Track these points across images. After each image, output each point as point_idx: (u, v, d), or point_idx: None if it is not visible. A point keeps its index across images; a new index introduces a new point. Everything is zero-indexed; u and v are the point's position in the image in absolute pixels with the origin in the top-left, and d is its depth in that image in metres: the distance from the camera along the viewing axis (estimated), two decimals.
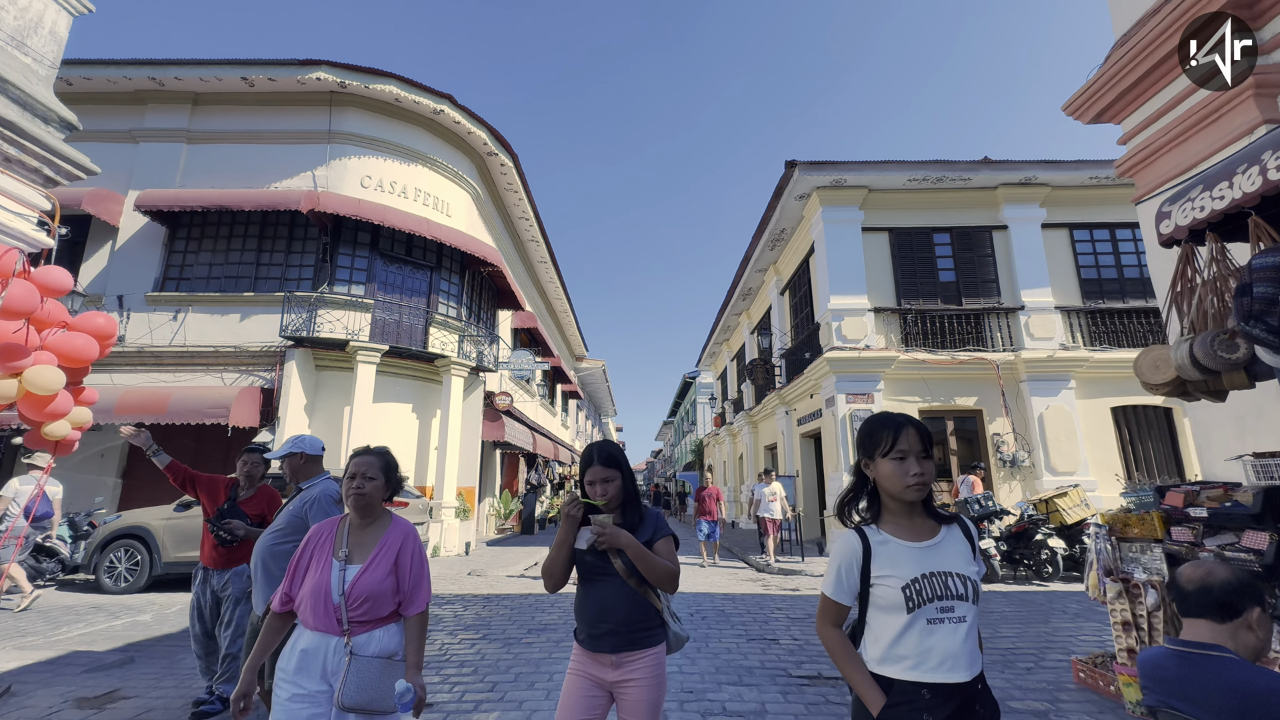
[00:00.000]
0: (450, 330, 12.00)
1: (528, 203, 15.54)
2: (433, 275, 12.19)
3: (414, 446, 11.36)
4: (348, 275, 11.10)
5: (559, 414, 25.90)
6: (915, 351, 11.08)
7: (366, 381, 10.16)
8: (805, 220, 12.78)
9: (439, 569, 9.09)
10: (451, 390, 11.33)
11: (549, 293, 22.07)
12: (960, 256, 11.70)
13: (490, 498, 15.07)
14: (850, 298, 11.27)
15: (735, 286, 18.02)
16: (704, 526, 9.62)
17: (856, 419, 10.68)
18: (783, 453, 14.90)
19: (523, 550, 11.72)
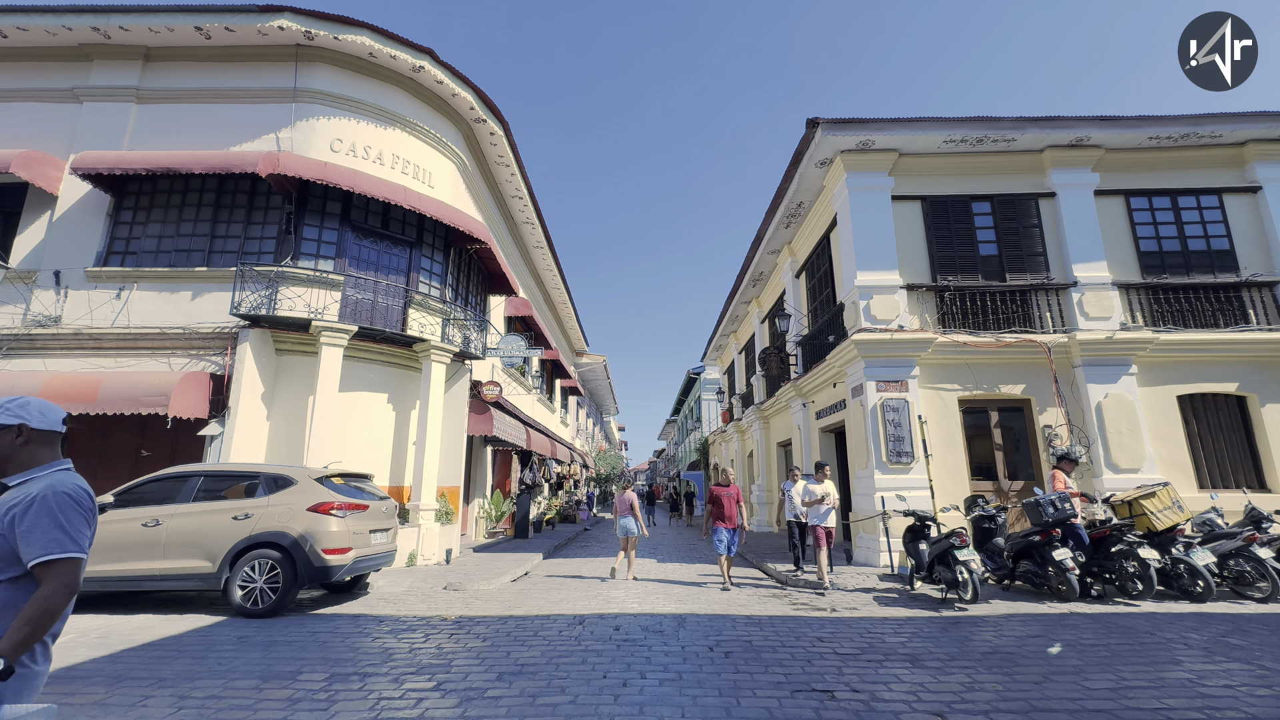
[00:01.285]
0: (432, 313, 10.77)
1: (521, 179, 14.30)
2: (413, 252, 10.96)
3: (389, 441, 10.13)
4: (314, 249, 9.87)
5: (558, 410, 24.67)
6: (955, 333, 9.81)
7: (332, 366, 8.93)
8: (826, 191, 11.52)
9: (411, 581, 7.85)
10: (432, 378, 10.10)
11: (546, 281, 20.83)
12: (1003, 227, 10.43)
13: (480, 498, 13.84)
14: (880, 273, 10.01)
15: (745, 271, 16.76)
16: (722, 535, 7.48)
17: (890, 409, 9.42)
18: (799, 449, 13.63)
19: (512, 558, 10.47)
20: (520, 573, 9.08)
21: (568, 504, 21.92)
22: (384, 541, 6.79)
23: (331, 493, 6.20)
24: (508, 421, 12.63)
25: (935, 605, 6.32)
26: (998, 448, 9.71)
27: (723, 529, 7.55)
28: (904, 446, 9.29)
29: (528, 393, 18.23)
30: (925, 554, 6.92)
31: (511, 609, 6.32)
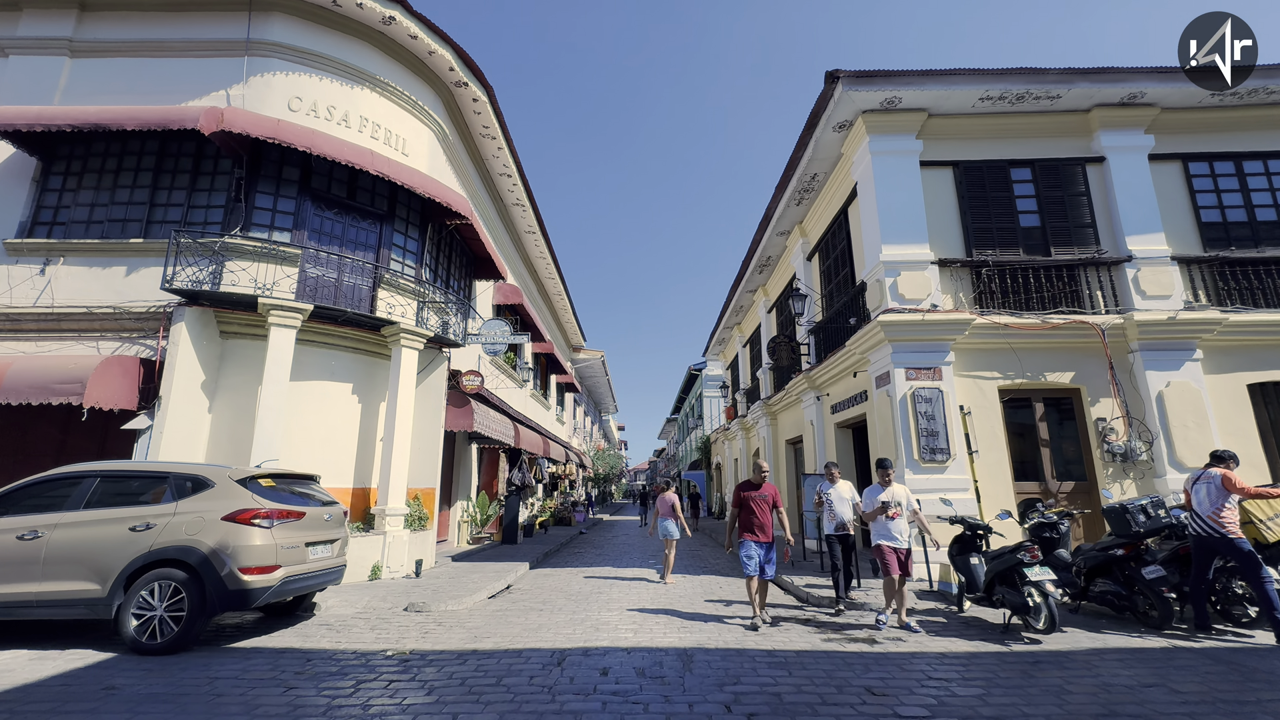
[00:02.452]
0: (405, 294, 9.60)
1: (509, 154, 13.13)
2: (383, 227, 9.80)
3: (354, 438, 8.96)
4: (268, 220, 8.70)
5: (553, 407, 23.51)
6: (995, 314, 8.64)
7: (282, 351, 7.77)
8: (845, 160, 10.36)
9: (368, 600, 6.69)
10: (402, 365, 8.93)
11: (540, 271, 19.67)
12: (1045, 196, 9.27)
13: (463, 501, 12.68)
14: (908, 247, 8.85)
15: (751, 256, 15.61)
16: (752, 550, 5.62)
17: (921, 400, 8.26)
18: (810, 447, 12.48)
19: (494, 568, 9.31)
20: (500, 587, 7.92)
21: (563, 506, 20.75)
22: (327, 556, 5.63)
23: (256, 497, 5.04)
24: (492, 416, 11.47)
25: (998, 635, 5.17)
26: (1044, 444, 8.55)
27: (752, 543, 5.67)
28: (938, 442, 8.14)
29: (519, 387, 17.07)
30: (979, 570, 5.77)
31: (478, 639, 5.16)
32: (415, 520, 9.00)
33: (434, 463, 9.61)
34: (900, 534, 5.61)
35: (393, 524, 8.35)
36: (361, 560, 7.92)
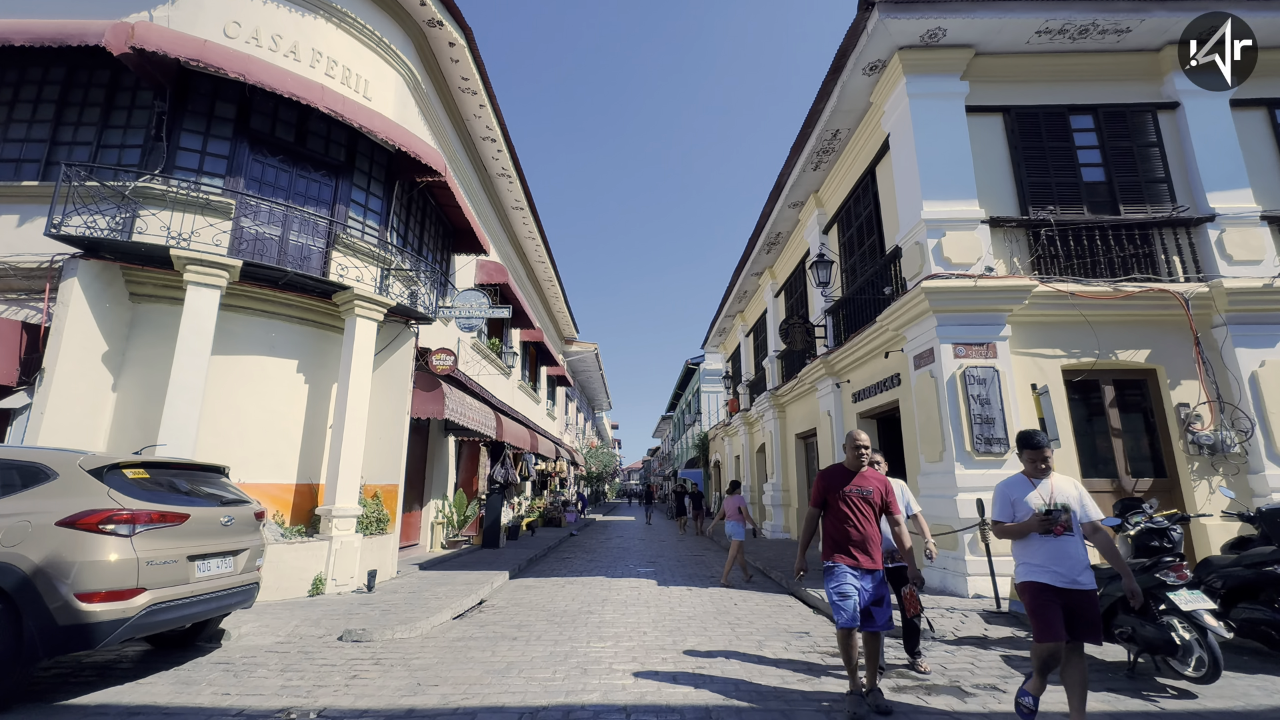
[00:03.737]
0: (366, 258, 8.20)
1: (492, 112, 11.72)
2: (340, 180, 8.39)
3: (299, 425, 7.55)
4: (195, 162, 7.28)
5: (543, 401, 22.12)
6: (1058, 281, 7.35)
7: (201, 316, 6.35)
8: (874, 110, 9.05)
9: (296, 623, 5.30)
10: (356, 338, 7.53)
11: (529, 253, 18.27)
12: (1111, 146, 7.99)
13: (439, 500, 11.27)
14: (953, 203, 7.55)
15: (758, 233, 14.29)
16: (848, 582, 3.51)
17: (974, 381, 6.96)
18: (827, 440, 11.17)
19: (466, 579, 7.94)
20: (469, 603, 6.54)
21: (552, 505, 19.36)
22: (226, 572, 4.23)
23: (115, 494, 3.65)
24: (470, 404, 10.08)
25: (1123, 680, 3.86)
26: (1115, 434, 7.26)
27: (847, 570, 3.51)
28: (994, 431, 6.84)
29: (505, 377, 15.67)
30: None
31: (419, 689, 3.78)
32: (372, 523, 7.60)
33: (397, 455, 8.21)
34: (1077, 564, 3.01)
35: (341, 527, 6.95)
36: (300, 572, 6.52)
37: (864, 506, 3.63)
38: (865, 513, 3.62)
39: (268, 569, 6.24)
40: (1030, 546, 3.18)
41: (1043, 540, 3.11)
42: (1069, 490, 3.25)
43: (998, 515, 3.33)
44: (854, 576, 3.51)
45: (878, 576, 3.59)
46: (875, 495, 3.66)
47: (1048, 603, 3.03)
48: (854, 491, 3.64)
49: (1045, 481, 3.27)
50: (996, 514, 3.34)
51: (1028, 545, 3.19)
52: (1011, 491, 3.33)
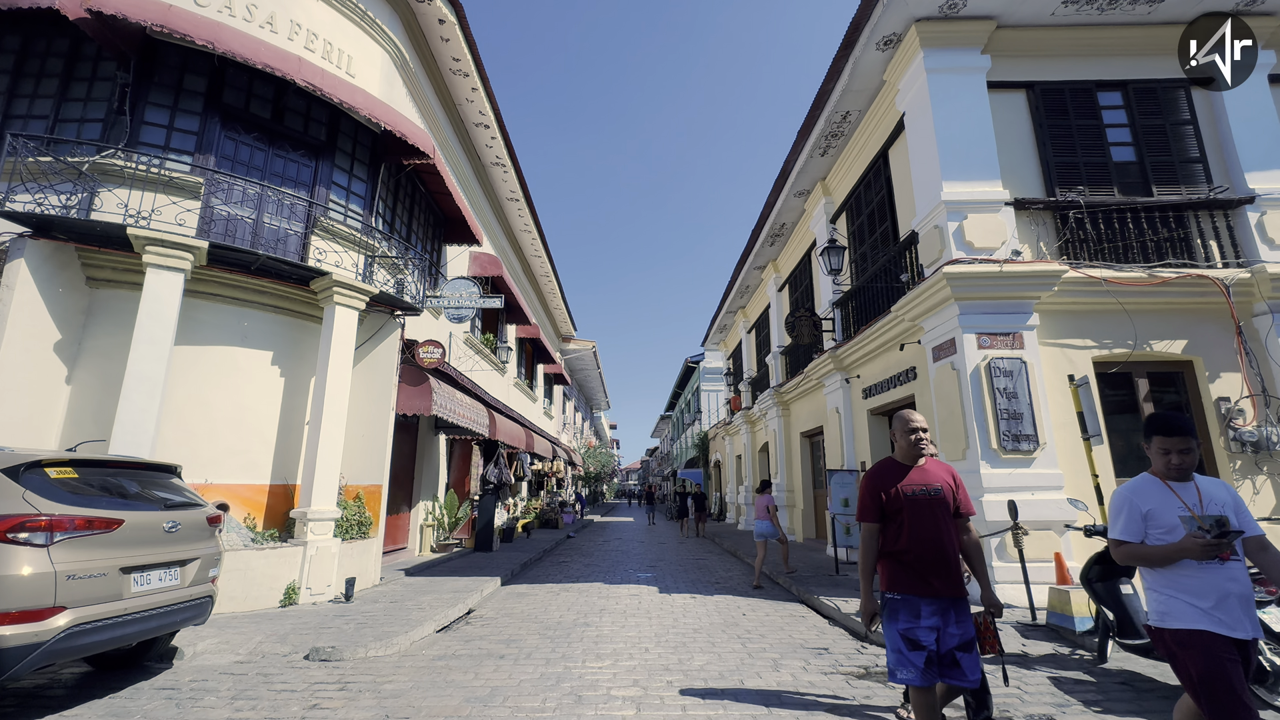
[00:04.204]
0: (349, 244, 7.69)
1: (485, 97, 11.21)
2: (320, 162, 7.87)
3: (273, 422, 7.03)
4: (162, 138, 6.77)
5: (540, 399, 21.60)
6: (1090, 266, 6.86)
7: (163, 302, 5.83)
8: (887, 90, 8.56)
9: (260, 639, 4.78)
10: (335, 328, 7.00)
11: (524, 246, 17.75)
12: (1142, 125, 7.50)
13: (429, 501, 10.75)
14: (975, 184, 7.06)
15: (762, 225, 13.79)
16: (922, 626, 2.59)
17: (999, 373, 6.47)
18: (835, 439, 10.68)
19: (455, 585, 7.43)
20: (455, 614, 6.03)
21: (549, 506, 18.84)
22: (170, 585, 3.72)
23: (32, 497, 3.14)
24: (461, 400, 9.56)
25: None
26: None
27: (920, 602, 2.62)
28: (1023, 427, 6.34)
29: (500, 374, 15.16)
30: (1141, 604, 3.97)
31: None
32: (353, 526, 7.09)
33: (381, 454, 7.69)
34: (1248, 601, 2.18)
35: (318, 531, 6.42)
36: (271, 580, 6.00)
37: (934, 510, 2.65)
38: (936, 519, 2.65)
39: (235, 577, 5.74)
40: (1180, 577, 2.21)
41: (1201, 569, 2.18)
42: (1220, 495, 2.30)
43: (1123, 533, 2.37)
44: (929, 612, 2.54)
45: (963, 608, 2.60)
46: (946, 493, 2.70)
47: (1228, 665, 2.03)
48: (918, 492, 2.68)
49: (1188, 484, 2.34)
50: (1121, 531, 2.38)
51: (1176, 575, 2.23)
52: (1142, 499, 2.34)
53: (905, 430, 2.80)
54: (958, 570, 2.64)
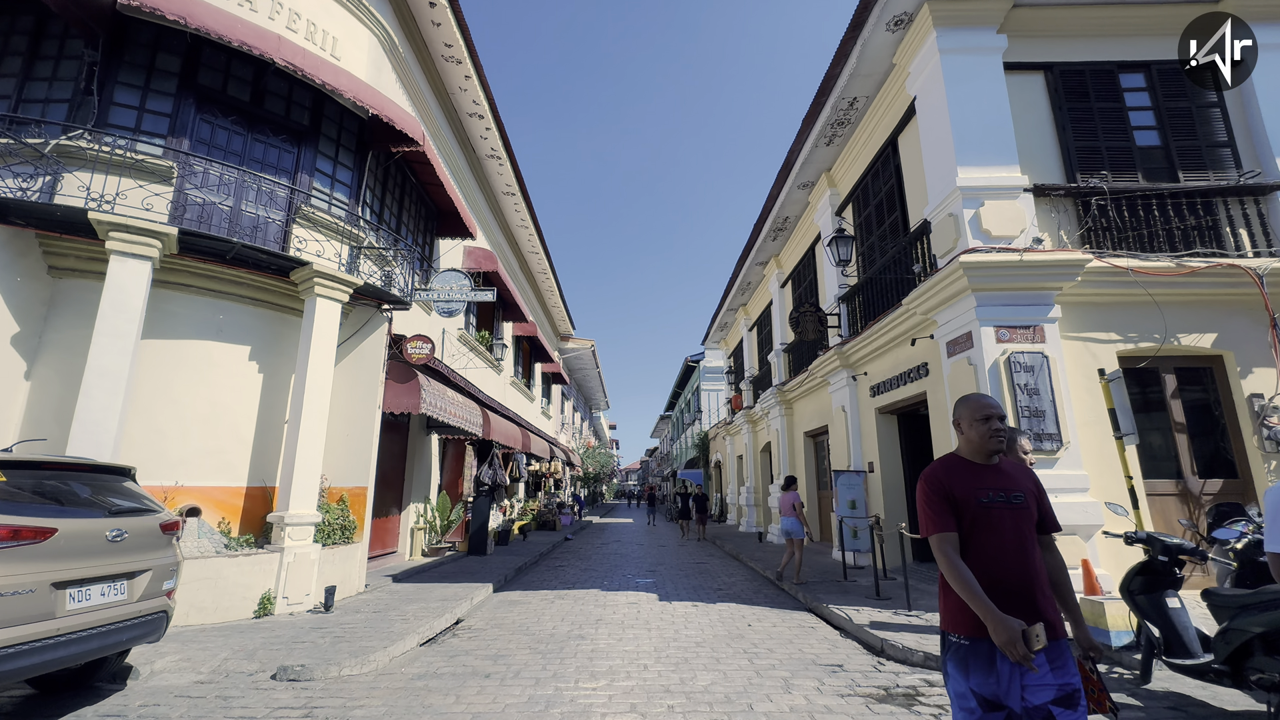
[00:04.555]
0: (334, 235, 7.32)
1: (479, 85, 10.84)
2: (303, 148, 7.50)
3: (252, 420, 6.65)
4: (132, 120, 6.40)
5: (537, 399, 21.23)
6: (1115, 256, 6.50)
7: (128, 292, 5.45)
8: (897, 74, 8.21)
9: (226, 654, 4.40)
10: (317, 321, 6.62)
11: (521, 242, 17.37)
12: (1167, 107, 7.14)
13: (420, 503, 10.37)
14: (992, 170, 6.69)
15: (764, 219, 13.42)
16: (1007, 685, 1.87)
17: (1019, 368, 6.10)
18: (841, 438, 10.32)
19: (445, 592, 7.07)
20: (442, 625, 5.65)
21: (546, 508, 18.46)
22: (117, 600, 3.35)
23: None
24: (452, 398, 9.18)
25: None
26: (1179, 429, 6.40)
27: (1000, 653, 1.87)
28: (1045, 425, 5.98)
29: (496, 372, 14.79)
30: (1186, 619, 3.61)
31: None
32: (336, 530, 6.71)
33: (366, 454, 7.31)
34: None
35: (296, 536, 6.05)
36: (245, 589, 5.62)
37: (1016, 523, 1.98)
38: (1020, 534, 1.98)
39: (205, 587, 5.36)
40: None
41: None
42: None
43: None
44: (1006, 667, 1.86)
45: (1060, 653, 1.90)
46: (1029, 501, 2.04)
47: None
48: (995, 498, 2.00)
49: None
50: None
51: None
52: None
53: (978, 417, 2.10)
54: (1050, 600, 1.97)
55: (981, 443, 2.09)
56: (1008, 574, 1.93)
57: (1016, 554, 1.94)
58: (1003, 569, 1.93)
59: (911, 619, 5.54)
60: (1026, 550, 1.96)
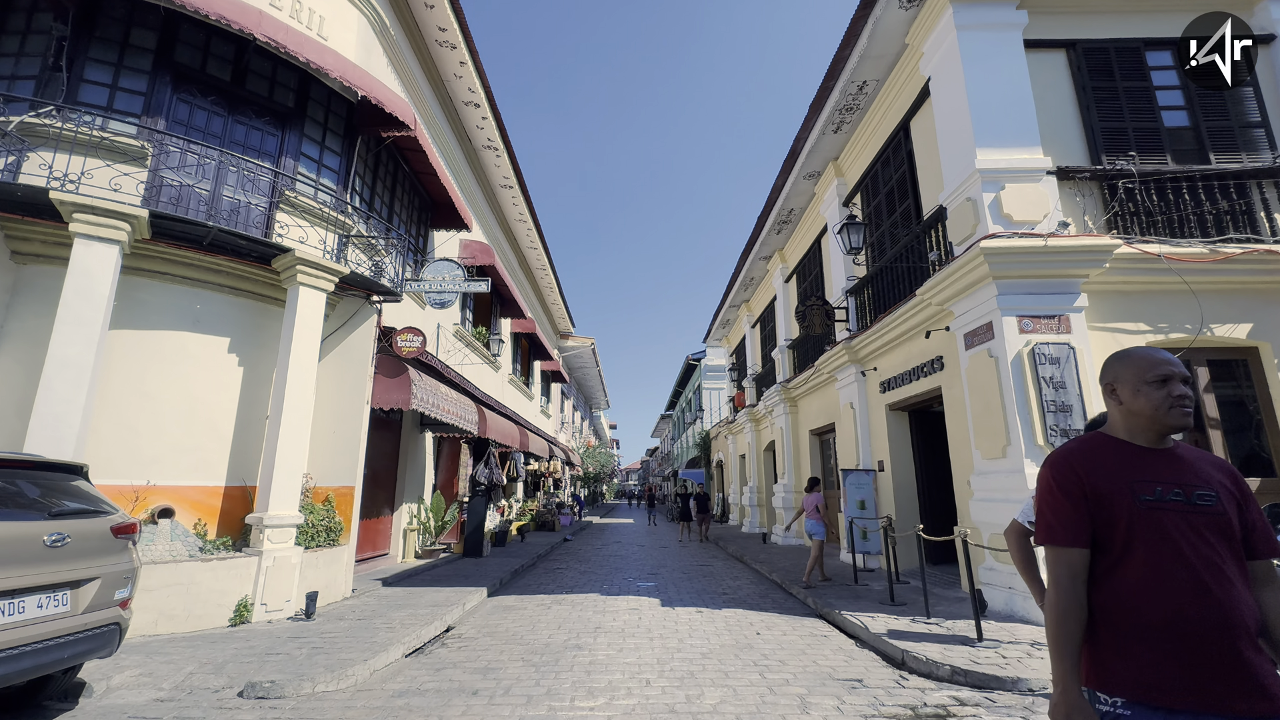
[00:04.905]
0: (320, 222, 6.97)
1: (475, 72, 10.48)
2: (288, 131, 7.14)
3: (231, 416, 6.29)
4: (104, 99, 6.05)
5: (536, 398, 20.87)
6: (1144, 242, 6.14)
7: (93, 277, 5.10)
8: (910, 55, 7.86)
9: (192, 668, 4.05)
10: (300, 311, 6.27)
11: (519, 236, 17.01)
12: (1197, 87, 6.77)
13: (414, 504, 10.01)
14: (1013, 151, 6.34)
15: (768, 212, 13.06)
16: None
17: (1045, 360, 5.75)
18: (849, 436, 9.96)
19: (436, 597, 6.72)
20: (431, 634, 5.30)
21: (545, 508, 18.11)
22: (58, 613, 3.00)
23: None
24: (445, 394, 8.82)
25: None
26: (1213, 424, 6.04)
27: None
28: (1072, 420, 5.63)
29: (494, 370, 14.44)
30: None
31: None
32: (320, 532, 6.36)
33: (354, 452, 6.96)
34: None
35: (276, 539, 5.69)
36: (220, 595, 5.27)
37: (1202, 534, 1.32)
38: (1211, 550, 1.31)
39: (175, 593, 5.01)
40: None
41: None
42: None
43: None
44: None
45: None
46: (1225, 504, 1.36)
47: None
48: (1170, 498, 1.35)
49: None
50: None
51: None
52: None
53: (1151, 378, 1.42)
54: (1262, 658, 1.26)
55: (1155, 416, 1.40)
56: (1188, 610, 1.26)
57: (1204, 580, 1.28)
58: (1179, 601, 1.27)
59: (931, 627, 5.19)
60: (1221, 575, 1.28)
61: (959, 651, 4.42)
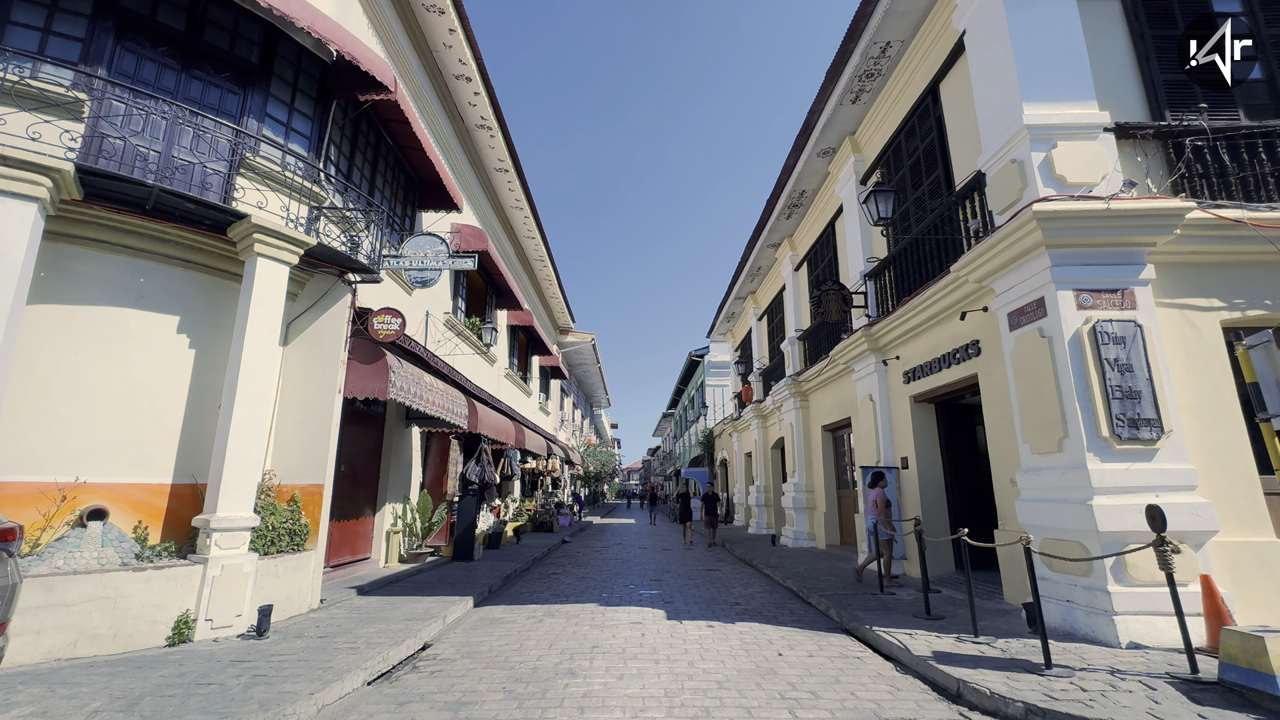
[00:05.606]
0: (288, 191, 6.24)
1: (465, 41, 9.74)
2: (251, 90, 6.42)
3: (180, 404, 5.56)
4: (36, 44, 5.32)
5: (535, 394, 20.13)
6: (1219, 207, 5.39)
7: (5, 242, 4.36)
8: (939, 11, 7.13)
9: (98, 704, 3.32)
10: (257, 285, 5.53)
11: (516, 224, 16.26)
12: (1271, 33, 6.04)
13: (395, 504, 9.28)
14: (1065, 106, 5.59)
15: (778, 195, 12.32)
16: None
17: (1108, 339, 5.01)
18: (868, 431, 9.22)
19: (414, 608, 6.00)
20: (401, 655, 4.57)
21: (543, 508, 17.38)
22: None
23: None
24: (429, 384, 8.09)
25: None
26: None
27: None
28: (1141, 409, 4.88)
29: (489, 363, 13.70)
30: None
31: None
32: (283, 536, 5.63)
33: (324, 447, 6.23)
34: None
35: (226, 544, 4.96)
36: (156, 611, 4.54)
37: None
38: None
39: (101, 609, 4.29)
40: None
41: None
42: None
43: None
44: None
45: None
46: None
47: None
48: None
49: None
50: None
51: None
52: None
53: None
54: None
55: None
56: None
57: None
58: None
59: (982, 648, 4.45)
60: None
61: (1025, 682, 3.68)
